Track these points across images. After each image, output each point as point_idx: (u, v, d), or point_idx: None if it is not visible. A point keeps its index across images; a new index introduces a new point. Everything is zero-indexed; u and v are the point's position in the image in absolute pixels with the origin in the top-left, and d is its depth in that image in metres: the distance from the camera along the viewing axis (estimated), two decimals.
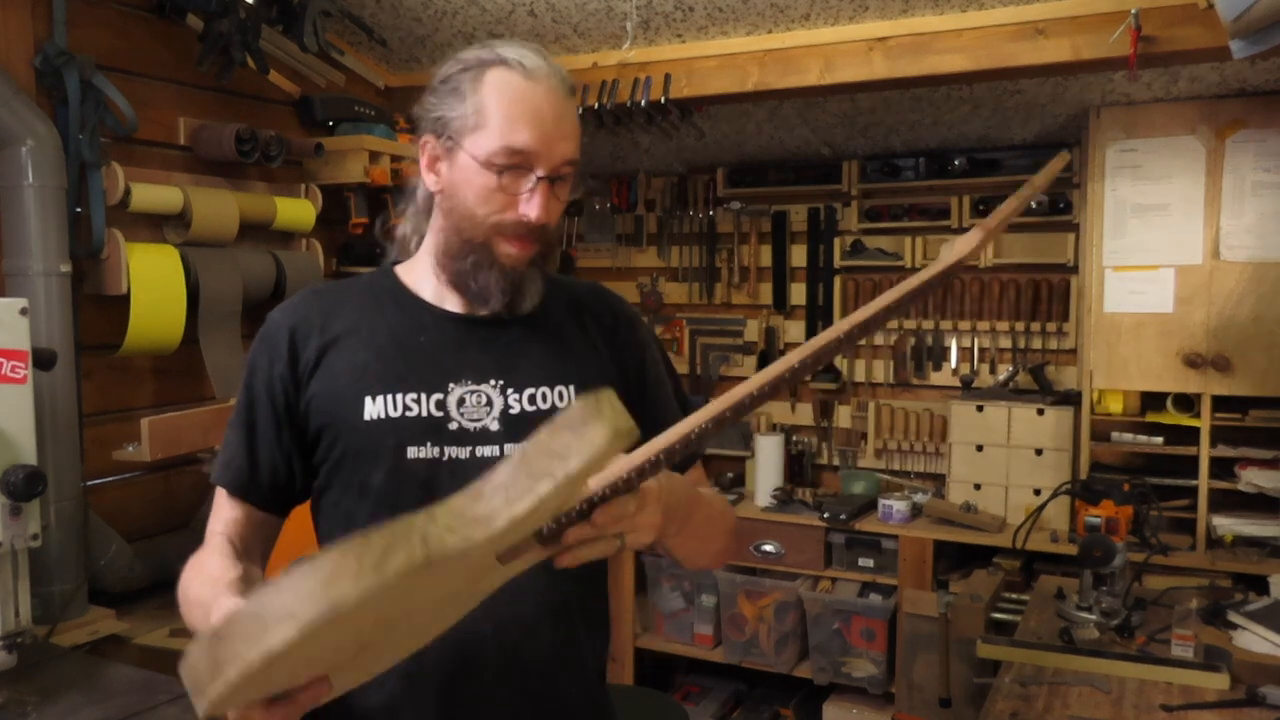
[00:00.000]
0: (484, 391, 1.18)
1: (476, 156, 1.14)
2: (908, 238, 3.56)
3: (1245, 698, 1.80)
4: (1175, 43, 2.36)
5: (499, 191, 1.14)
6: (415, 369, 1.18)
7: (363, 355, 1.18)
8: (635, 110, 2.97)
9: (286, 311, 1.24)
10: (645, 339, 1.35)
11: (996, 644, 2.08)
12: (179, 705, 1.62)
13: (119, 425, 2.42)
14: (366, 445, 1.15)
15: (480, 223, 1.16)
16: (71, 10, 2.30)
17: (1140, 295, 3.02)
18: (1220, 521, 2.94)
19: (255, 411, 1.20)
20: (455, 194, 1.17)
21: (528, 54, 1.17)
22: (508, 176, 1.14)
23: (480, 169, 1.14)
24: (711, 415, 0.87)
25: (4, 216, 2.16)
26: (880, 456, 3.67)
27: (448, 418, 1.16)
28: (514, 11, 2.79)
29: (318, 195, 2.88)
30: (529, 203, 1.14)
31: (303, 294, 1.27)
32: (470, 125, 1.14)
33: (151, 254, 2.40)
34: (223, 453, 1.22)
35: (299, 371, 1.19)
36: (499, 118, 1.13)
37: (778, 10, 2.68)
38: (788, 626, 3.37)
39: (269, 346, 1.21)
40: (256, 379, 1.21)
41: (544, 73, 1.16)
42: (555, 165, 1.15)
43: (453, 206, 1.18)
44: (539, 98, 1.15)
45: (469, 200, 1.16)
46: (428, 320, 1.22)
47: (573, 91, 1.21)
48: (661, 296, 4.02)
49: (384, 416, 1.15)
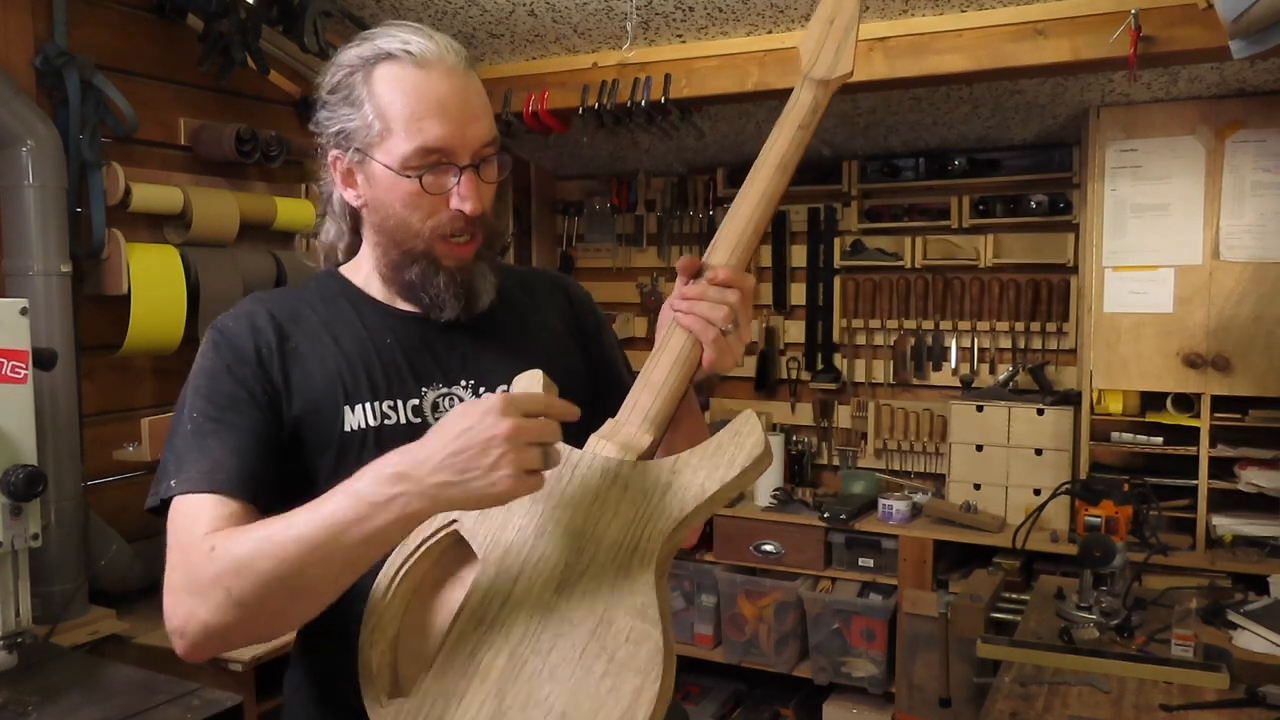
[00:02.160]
0: (456, 394, 1.15)
1: (391, 165, 1.08)
2: (907, 238, 3.56)
3: (1245, 698, 1.80)
4: (1175, 43, 2.36)
5: (425, 194, 1.08)
6: (388, 375, 1.13)
7: (333, 364, 1.12)
8: (635, 110, 2.97)
9: (237, 318, 1.14)
10: (600, 318, 1.36)
11: (996, 644, 2.09)
12: (179, 705, 1.62)
13: (119, 425, 2.42)
14: (348, 457, 1.09)
15: (416, 231, 1.10)
16: (72, 10, 2.30)
17: (1140, 295, 3.02)
18: (1220, 521, 2.94)
19: (232, 413, 1.08)
20: (381, 207, 1.11)
21: (411, 37, 1.08)
22: (429, 177, 1.08)
23: (398, 177, 1.08)
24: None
25: (4, 216, 2.16)
26: (880, 456, 3.67)
27: (425, 423, 1.12)
28: (514, 12, 2.79)
29: (318, 195, 2.88)
30: (460, 198, 1.09)
31: (248, 300, 1.18)
32: (375, 133, 1.08)
33: (152, 254, 2.40)
34: (194, 463, 1.05)
35: (271, 379, 1.10)
36: (402, 119, 1.07)
37: (778, 10, 2.68)
38: (788, 626, 3.37)
39: (232, 350, 1.10)
40: (221, 383, 1.09)
41: (434, 55, 1.08)
42: (475, 150, 1.09)
43: (382, 220, 1.12)
44: (437, 85, 1.07)
45: (398, 210, 1.10)
46: (390, 323, 1.16)
47: (470, 63, 1.12)
48: (661, 297, 4.01)
49: (364, 426, 1.10)
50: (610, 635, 0.93)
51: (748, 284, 1.07)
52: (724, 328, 1.05)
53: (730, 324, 1.05)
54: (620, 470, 1.00)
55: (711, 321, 1.05)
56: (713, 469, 0.97)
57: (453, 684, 0.96)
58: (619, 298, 4.09)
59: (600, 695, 0.91)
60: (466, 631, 0.98)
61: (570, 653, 0.93)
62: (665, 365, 1.07)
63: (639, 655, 0.91)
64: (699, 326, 1.05)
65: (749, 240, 1.11)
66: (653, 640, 0.91)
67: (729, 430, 0.98)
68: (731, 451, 0.97)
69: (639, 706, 0.89)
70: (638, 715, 0.89)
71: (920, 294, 3.60)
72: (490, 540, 1.00)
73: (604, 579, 0.95)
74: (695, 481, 0.97)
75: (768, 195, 1.12)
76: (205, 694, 1.67)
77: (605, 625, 0.93)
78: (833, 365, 3.73)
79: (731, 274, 1.07)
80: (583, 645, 0.93)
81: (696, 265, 1.09)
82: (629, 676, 0.91)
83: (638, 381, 1.08)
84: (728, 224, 1.11)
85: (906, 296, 3.62)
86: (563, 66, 3.07)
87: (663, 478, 0.98)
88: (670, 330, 1.08)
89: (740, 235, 1.10)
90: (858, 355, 3.70)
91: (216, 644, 0.98)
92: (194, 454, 1.06)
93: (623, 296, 4.09)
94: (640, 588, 0.94)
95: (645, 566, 0.95)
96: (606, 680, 0.91)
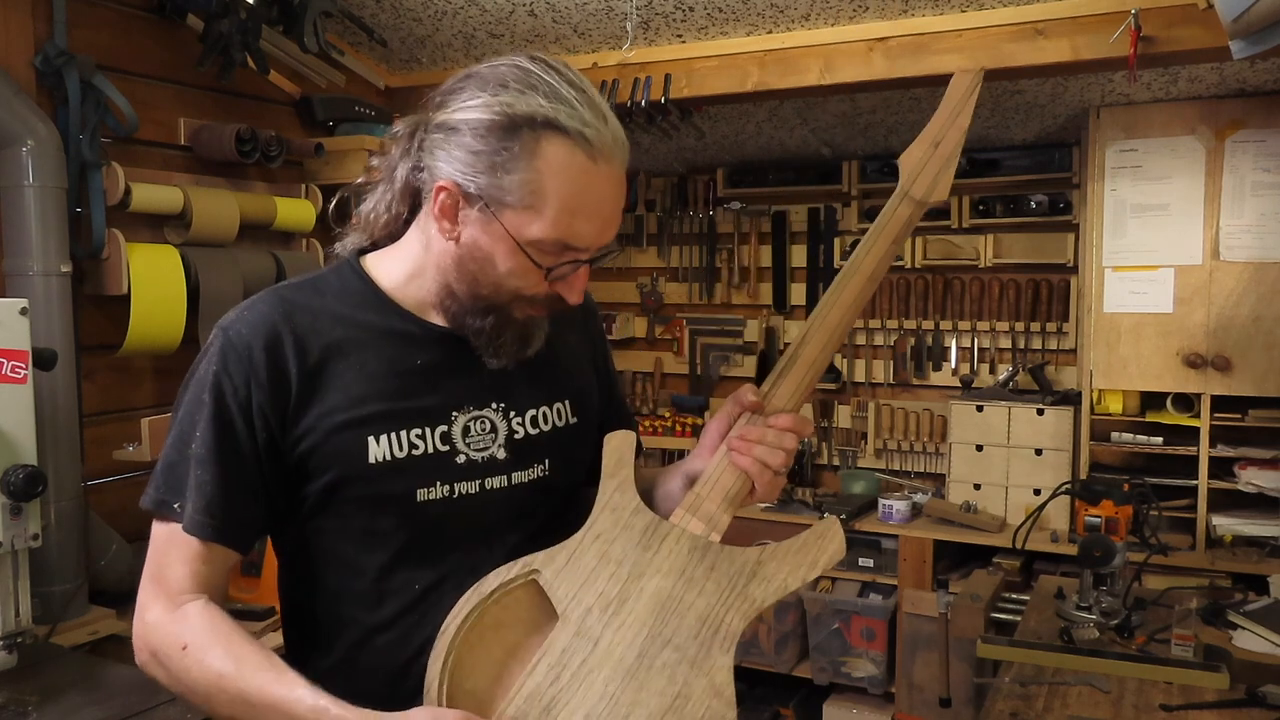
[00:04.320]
0: (487, 417, 1.12)
1: (518, 237, 1.01)
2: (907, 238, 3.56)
3: (1245, 698, 1.80)
4: (1175, 43, 2.36)
5: (536, 270, 1.03)
6: (417, 399, 1.08)
7: (357, 386, 1.06)
8: (635, 110, 2.96)
9: (253, 325, 1.06)
10: (601, 327, 1.36)
11: (996, 644, 2.08)
12: (179, 705, 1.62)
13: (119, 425, 2.42)
14: (371, 491, 1.06)
15: (508, 291, 1.06)
16: (72, 10, 2.30)
17: (1140, 295, 3.02)
18: (1220, 521, 2.94)
19: (230, 444, 1.04)
20: (480, 259, 1.04)
21: (589, 118, 1.00)
22: (555, 268, 1.04)
23: (518, 248, 1.02)
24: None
25: (4, 216, 2.16)
26: (880, 456, 3.67)
27: (454, 450, 1.09)
28: (514, 12, 2.79)
29: (318, 195, 2.88)
30: (569, 288, 1.06)
31: (265, 300, 1.10)
32: (518, 203, 1.00)
33: (152, 254, 2.39)
34: (194, 496, 1.04)
35: (285, 404, 1.05)
36: (555, 207, 1.00)
37: (778, 10, 2.68)
38: (788, 626, 3.37)
39: (243, 367, 1.04)
40: (228, 405, 1.04)
41: (608, 149, 1.01)
42: (603, 246, 1.06)
43: (473, 268, 1.05)
44: (604, 186, 1.02)
45: (498, 271, 1.04)
46: (420, 341, 1.11)
47: (628, 153, 1.06)
48: (661, 296, 4.02)
49: (390, 458, 1.06)
50: (688, 709, 0.97)
51: (807, 431, 1.11)
52: (779, 470, 1.09)
53: (784, 467, 1.09)
54: (708, 549, 1.05)
55: (768, 465, 1.08)
56: (796, 566, 1.04)
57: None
58: (619, 298, 4.09)
59: None
60: (542, 686, 0.99)
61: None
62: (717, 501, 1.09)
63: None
64: (755, 470, 1.08)
65: (815, 374, 1.14)
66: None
67: (814, 533, 1.05)
68: (814, 554, 1.05)
69: None
70: None
71: (920, 294, 3.60)
72: (572, 598, 1.02)
73: (685, 653, 0.99)
74: (779, 575, 1.03)
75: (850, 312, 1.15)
76: None
77: (684, 700, 0.97)
78: (833, 365, 3.73)
79: (794, 421, 1.10)
80: (660, 716, 0.97)
81: (758, 405, 1.12)
82: None
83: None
84: (801, 351, 1.14)
85: (906, 296, 3.62)
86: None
87: (749, 565, 1.04)
88: (722, 464, 1.10)
89: (809, 368, 1.14)
90: (858, 355, 3.70)
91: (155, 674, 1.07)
92: (201, 486, 1.06)
93: (623, 296, 4.09)
94: (719, 670, 0.98)
95: (725, 650, 0.99)
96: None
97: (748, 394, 1.11)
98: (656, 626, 1.00)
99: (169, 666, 1.04)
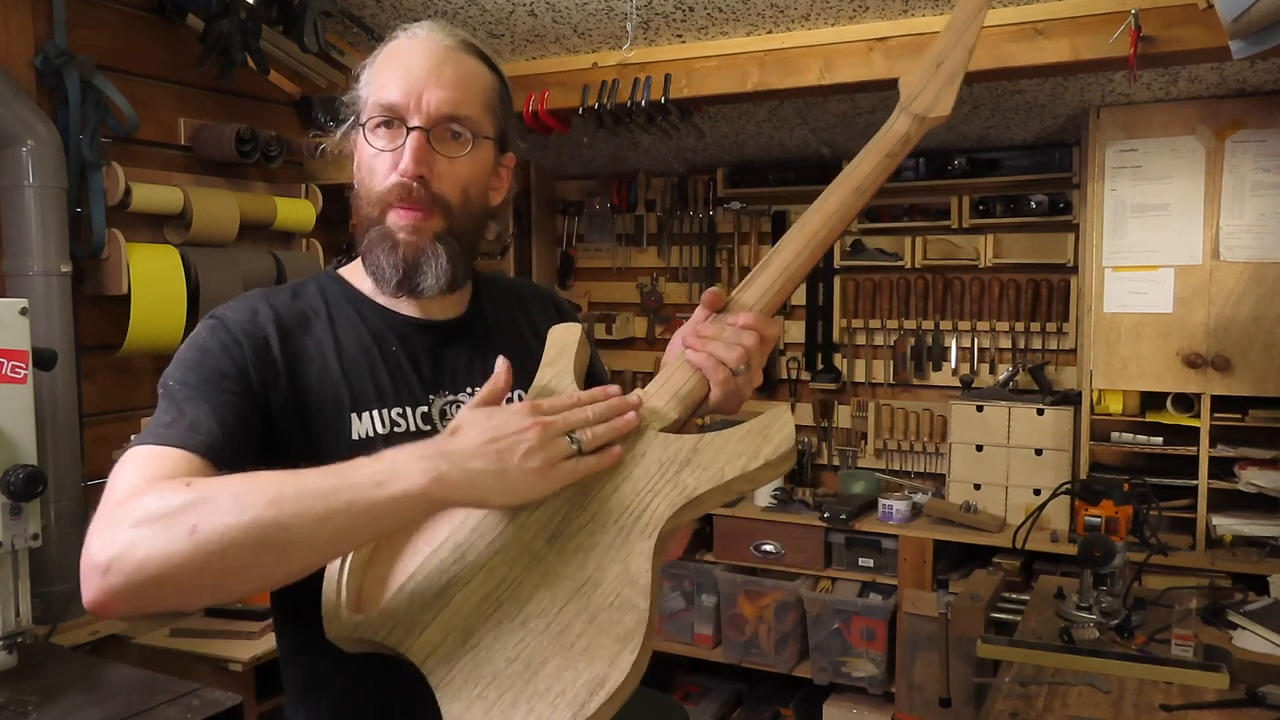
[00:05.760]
0: (461, 401, 1.13)
1: (363, 130, 1.09)
2: (908, 238, 3.56)
3: (1245, 698, 1.80)
4: (1175, 43, 2.36)
5: (379, 156, 1.07)
6: (396, 382, 1.11)
7: (337, 369, 1.09)
8: (635, 110, 2.97)
9: (238, 309, 1.11)
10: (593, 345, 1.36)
11: (996, 644, 2.08)
12: (179, 705, 1.62)
13: (119, 425, 2.42)
14: None
15: (372, 197, 1.09)
16: (72, 10, 2.30)
17: (1140, 295, 3.02)
18: (1220, 521, 2.94)
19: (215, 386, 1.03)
20: (356, 180, 1.12)
21: (424, 24, 1.12)
22: (382, 136, 1.07)
23: (364, 142, 1.09)
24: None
25: (4, 216, 2.16)
26: (880, 456, 3.67)
27: (435, 429, 1.09)
28: (514, 12, 2.79)
29: (318, 195, 2.88)
30: (397, 157, 1.06)
31: (254, 298, 1.14)
32: (359, 104, 1.11)
33: (152, 254, 2.40)
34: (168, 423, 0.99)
35: (272, 377, 1.06)
36: (374, 84, 1.09)
37: (778, 10, 2.68)
38: (788, 626, 3.37)
39: (233, 335, 1.07)
40: (211, 358, 1.05)
41: (426, 31, 1.10)
42: (430, 116, 1.06)
43: (355, 194, 1.12)
44: (412, 51, 1.09)
45: (362, 178, 1.10)
46: (394, 328, 1.14)
47: (469, 49, 1.11)
48: (661, 296, 4.02)
49: (373, 434, 1.07)
50: (595, 596, 0.88)
51: (771, 332, 1.02)
52: (735, 369, 0.99)
53: (742, 365, 0.99)
54: (643, 436, 0.96)
55: (723, 361, 0.99)
56: (735, 455, 0.93)
57: (418, 614, 0.91)
58: (619, 298, 4.09)
59: (571, 654, 0.86)
60: (445, 564, 0.93)
61: (549, 605, 0.89)
62: (664, 397, 1.00)
63: (620, 622, 0.87)
64: (709, 365, 1.00)
65: (790, 279, 1.06)
66: (638, 611, 0.87)
67: (760, 421, 0.95)
68: (758, 443, 0.93)
69: (611, 674, 0.84)
70: (608, 682, 0.84)
71: (920, 294, 3.60)
72: None
73: (601, 539, 0.91)
74: (715, 464, 0.93)
75: (832, 221, 1.08)
76: (205, 694, 1.67)
77: (592, 585, 0.89)
78: (833, 365, 3.73)
79: (755, 319, 1.01)
80: (564, 600, 0.89)
81: (722, 302, 1.04)
82: (606, 642, 0.86)
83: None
84: (775, 256, 1.07)
85: (906, 296, 3.62)
86: (563, 66, 3.07)
87: (682, 453, 0.94)
88: (676, 362, 1.03)
89: (782, 273, 1.06)
90: (858, 355, 3.70)
91: (138, 593, 0.84)
92: (167, 415, 0.99)
93: (623, 296, 4.09)
94: (637, 556, 0.90)
95: (646, 537, 0.90)
96: (582, 641, 0.86)
97: (711, 294, 1.05)
98: (572, 510, 0.93)
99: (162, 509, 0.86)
